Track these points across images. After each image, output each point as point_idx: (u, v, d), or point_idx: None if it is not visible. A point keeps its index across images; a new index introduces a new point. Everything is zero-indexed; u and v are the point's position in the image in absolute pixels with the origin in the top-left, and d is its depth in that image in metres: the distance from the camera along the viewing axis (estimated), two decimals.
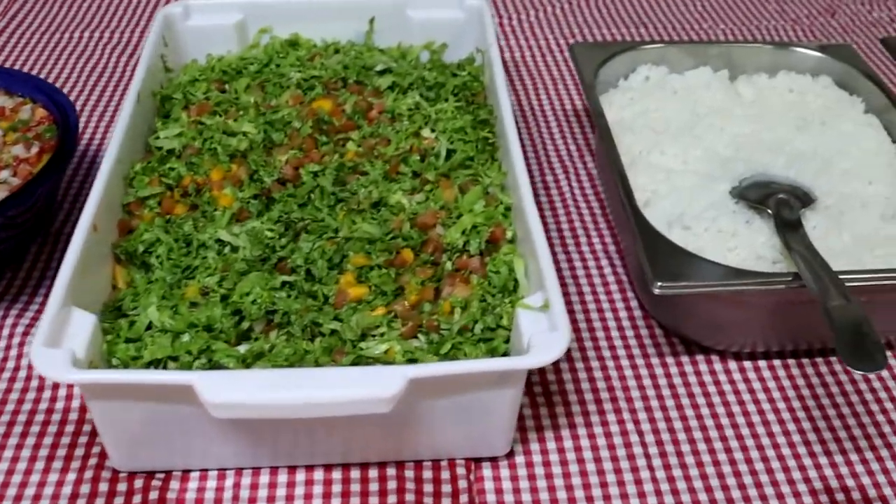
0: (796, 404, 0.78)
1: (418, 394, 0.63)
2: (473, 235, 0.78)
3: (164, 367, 0.69)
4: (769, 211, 0.81)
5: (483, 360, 0.68)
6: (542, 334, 0.66)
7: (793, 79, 0.99)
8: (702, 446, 0.74)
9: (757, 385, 0.80)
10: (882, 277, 0.73)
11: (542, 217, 0.90)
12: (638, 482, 0.72)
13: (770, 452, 0.74)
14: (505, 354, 0.71)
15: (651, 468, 0.73)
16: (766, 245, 0.78)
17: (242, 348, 0.71)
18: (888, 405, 0.78)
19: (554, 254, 0.92)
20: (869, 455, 0.74)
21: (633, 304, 0.87)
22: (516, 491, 0.71)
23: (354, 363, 0.69)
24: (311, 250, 0.77)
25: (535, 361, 0.63)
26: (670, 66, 0.99)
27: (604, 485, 0.72)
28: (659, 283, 0.71)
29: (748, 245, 0.78)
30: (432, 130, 0.90)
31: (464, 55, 1.03)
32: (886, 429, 0.76)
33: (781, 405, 0.78)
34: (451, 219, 0.81)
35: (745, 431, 0.76)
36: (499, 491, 0.71)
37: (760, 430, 0.76)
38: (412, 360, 0.69)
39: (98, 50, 1.26)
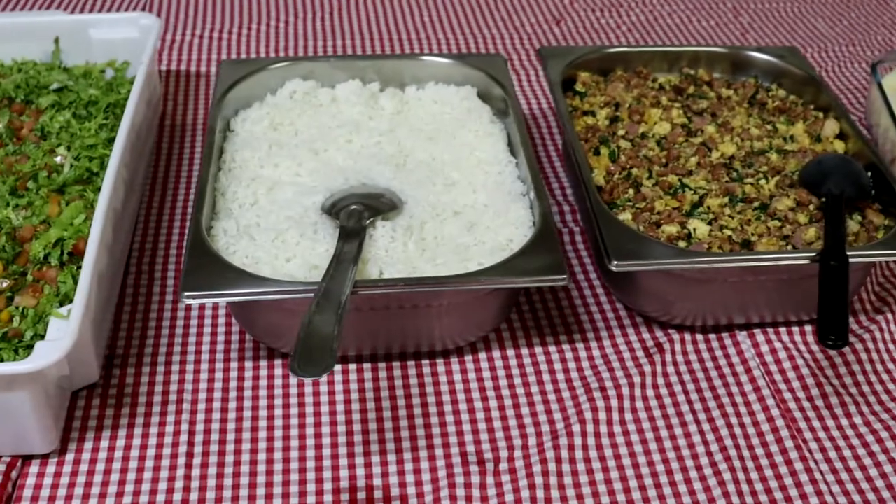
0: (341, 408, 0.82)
1: None
2: (55, 249, 0.84)
3: None
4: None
5: None
6: (51, 342, 0.71)
7: (439, 90, 1.03)
8: (246, 446, 0.79)
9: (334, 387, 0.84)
10: (392, 285, 0.77)
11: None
12: (171, 485, 0.75)
13: (309, 453, 0.78)
14: None
15: (189, 467, 0.76)
16: (325, 255, 0.82)
17: None
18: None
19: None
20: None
21: None
22: (54, 486, 0.75)
23: None
24: None
25: (21, 367, 0.69)
26: (321, 81, 1.03)
27: (136, 492, 0.75)
28: None
29: (305, 255, 0.82)
30: (68, 148, 0.95)
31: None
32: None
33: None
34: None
35: (294, 432, 0.79)
36: (38, 486, 0.75)
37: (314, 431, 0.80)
38: None
39: None
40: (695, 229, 0.86)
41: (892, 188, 0.90)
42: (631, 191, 0.91)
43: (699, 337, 0.89)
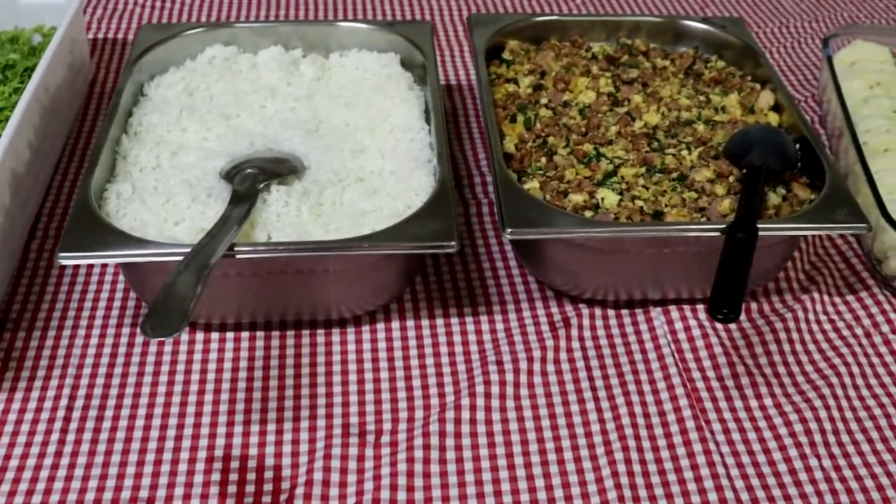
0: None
1: None
2: None
3: None
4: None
5: None
6: None
7: (361, 57, 1.00)
8: (125, 412, 0.77)
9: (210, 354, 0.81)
10: (269, 250, 0.75)
11: None
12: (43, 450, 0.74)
13: (188, 420, 0.76)
14: None
15: (64, 432, 0.74)
16: (214, 219, 0.80)
17: None
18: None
19: None
20: None
21: None
22: None
23: None
24: None
25: None
26: (243, 47, 1.01)
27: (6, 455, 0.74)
28: None
29: (195, 219, 0.80)
30: None
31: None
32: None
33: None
34: None
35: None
36: None
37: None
38: None
39: None
40: (603, 199, 0.82)
41: (821, 163, 0.86)
42: (543, 159, 0.87)
43: (610, 312, 0.86)
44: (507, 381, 0.79)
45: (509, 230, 0.76)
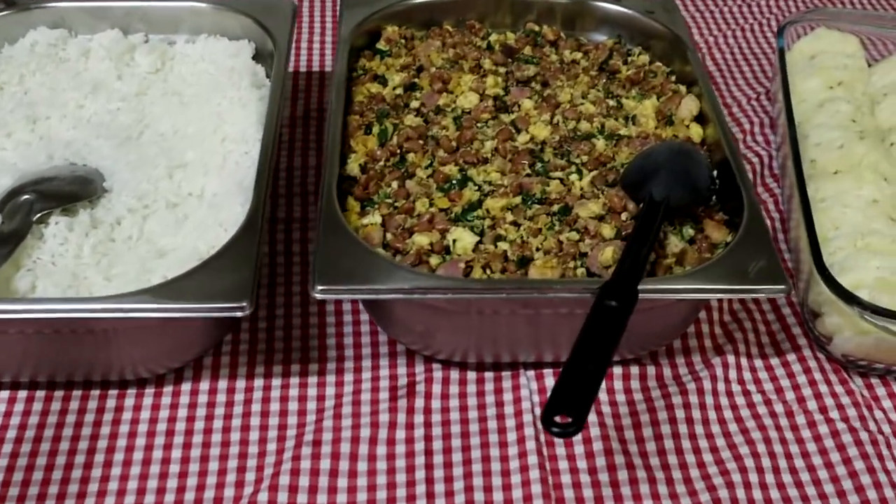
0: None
1: None
2: None
3: None
4: None
5: None
6: None
7: (209, 44, 0.83)
8: None
9: None
10: None
11: None
12: None
13: None
14: None
15: None
16: None
17: None
18: None
19: None
20: None
21: None
22: None
23: None
24: None
25: None
26: (75, 29, 0.85)
27: None
28: None
29: None
30: None
31: None
32: None
33: None
34: None
35: None
36: None
37: None
38: None
39: None
40: (455, 241, 0.66)
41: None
42: (395, 183, 0.71)
43: (471, 375, 0.70)
44: (320, 468, 0.63)
45: (318, 287, 0.61)
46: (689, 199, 0.69)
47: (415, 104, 0.78)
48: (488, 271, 0.65)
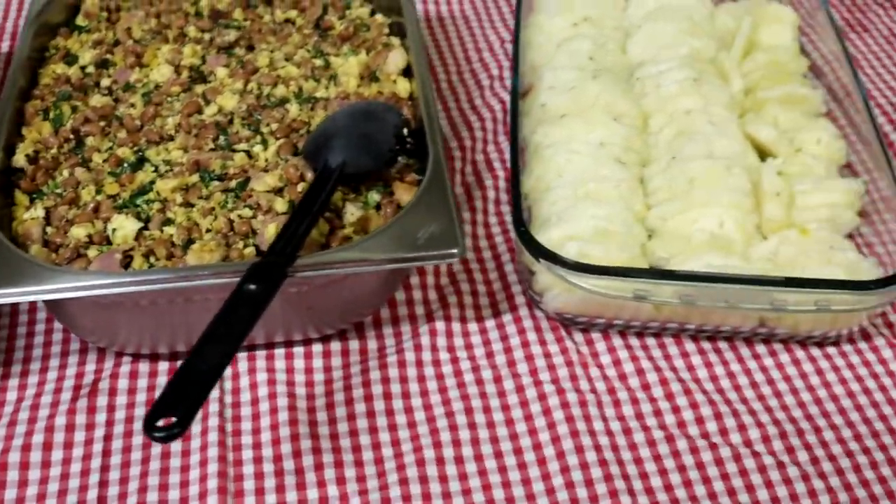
0: None
1: None
2: None
3: None
4: None
5: None
6: None
7: None
8: None
9: None
10: None
11: None
12: None
13: None
14: None
15: None
16: None
17: None
18: None
19: None
20: None
21: None
22: None
23: None
24: None
25: None
26: None
27: None
28: None
29: None
30: None
31: None
32: None
33: None
34: None
35: None
36: None
37: None
38: None
39: None
40: (114, 230, 0.62)
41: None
42: (66, 172, 0.66)
43: (163, 367, 0.66)
44: None
45: None
46: (371, 164, 0.65)
47: (106, 82, 0.73)
48: (152, 259, 0.61)
